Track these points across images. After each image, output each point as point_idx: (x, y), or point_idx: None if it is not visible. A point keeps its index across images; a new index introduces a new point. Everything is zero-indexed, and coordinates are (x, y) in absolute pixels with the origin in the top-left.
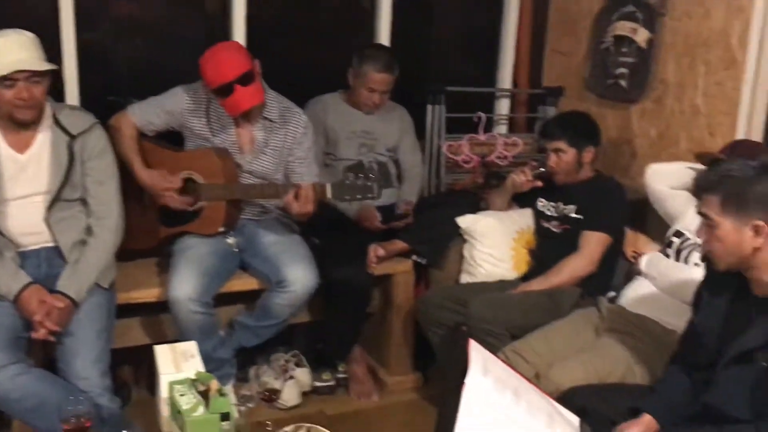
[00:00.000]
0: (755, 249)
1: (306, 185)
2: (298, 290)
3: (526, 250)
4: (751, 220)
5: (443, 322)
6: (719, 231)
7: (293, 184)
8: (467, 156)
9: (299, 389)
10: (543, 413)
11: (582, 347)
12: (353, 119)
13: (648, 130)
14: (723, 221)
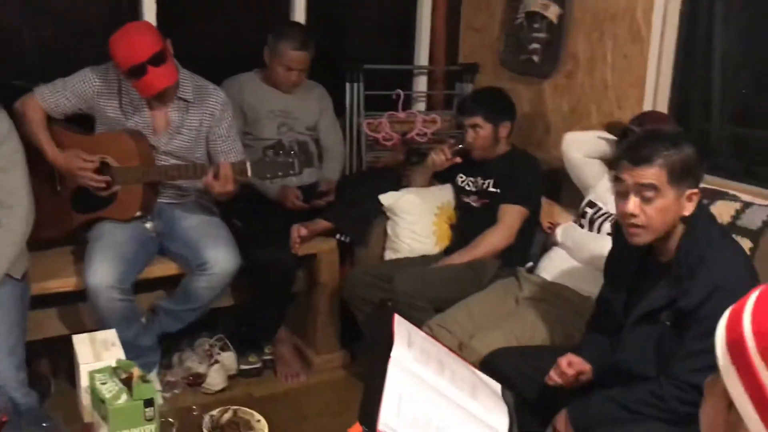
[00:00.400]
0: (682, 217)
1: (225, 164)
2: (220, 273)
3: (447, 225)
4: (687, 188)
5: (369, 299)
6: (662, 201)
7: (212, 164)
8: (387, 133)
9: (225, 373)
10: (467, 383)
11: (502, 317)
12: (271, 98)
13: (560, 105)
14: (668, 191)
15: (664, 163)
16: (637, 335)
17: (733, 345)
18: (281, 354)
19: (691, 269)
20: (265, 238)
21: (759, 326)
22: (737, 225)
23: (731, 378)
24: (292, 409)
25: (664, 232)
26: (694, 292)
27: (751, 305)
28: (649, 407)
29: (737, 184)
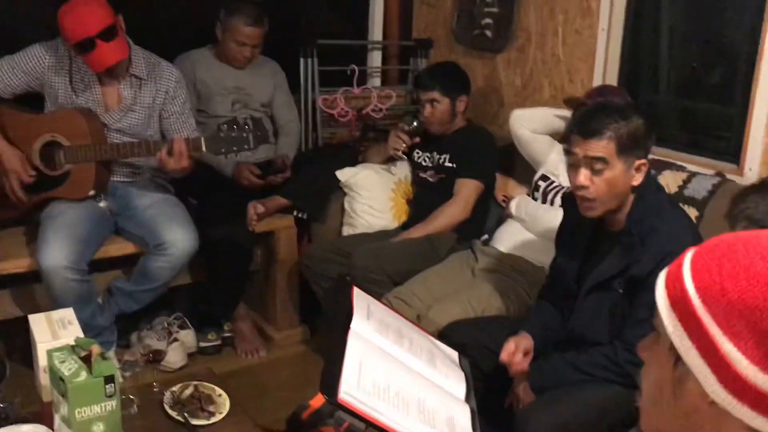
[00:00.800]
0: (631, 187)
1: (178, 139)
2: (178, 252)
3: (404, 200)
4: (636, 159)
5: (327, 274)
6: (611, 173)
7: (165, 141)
8: (342, 109)
9: (184, 351)
10: (424, 351)
11: (459, 288)
12: (224, 75)
13: (513, 79)
14: (617, 163)
15: (613, 136)
16: (590, 303)
17: (677, 303)
18: (240, 330)
19: (641, 238)
20: (222, 216)
21: (700, 282)
22: (684, 194)
23: (678, 334)
24: (253, 384)
25: (616, 204)
26: (645, 260)
27: (689, 264)
28: (604, 370)
29: (684, 155)
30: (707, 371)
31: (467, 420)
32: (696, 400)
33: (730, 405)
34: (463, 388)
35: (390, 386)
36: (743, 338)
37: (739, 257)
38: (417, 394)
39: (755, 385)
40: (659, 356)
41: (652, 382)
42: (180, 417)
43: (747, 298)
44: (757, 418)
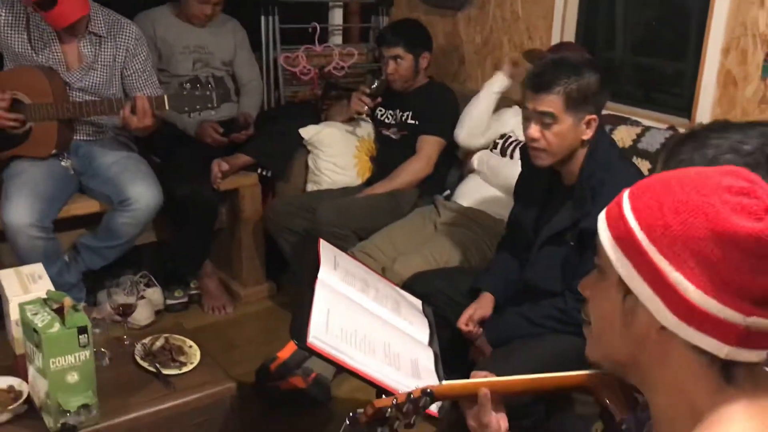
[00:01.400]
0: (582, 141)
1: (141, 97)
2: (142, 208)
3: (368, 157)
4: (586, 114)
5: (293, 229)
6: (559, 127)
7: (128, 98)
8: (305, 67)
9: (152, 308)
10: (389, 299)
11: (422, 242)
12: (185, 33)
13: (474, 37)
14: (565, 118)
15: (562, 92)
16: (544, 255)
17: (623, 240)
18: (207, 287)
19: (592, 191)
20: (186, 174)
21: (643, 220)
22: (638, 148)
23: (626, 269)
24: (221, 339)
25: (565, 155)
26: (595, 214)
27: (629, 204)
28: (555, 321)
29: (638, 110)
30: (656, 299)
31: (431, 363)
32: (646, 328)
33: (677, 328)
34: (426, 334)
35: (357, 331)
36: (688, 266)
37: (675, 192)
38: (382, 339)
39: (700, 306)
40: (607, 291)
41: (600, 314)
42: (152, 367)
43: (687, 229)
44: (701, 337)
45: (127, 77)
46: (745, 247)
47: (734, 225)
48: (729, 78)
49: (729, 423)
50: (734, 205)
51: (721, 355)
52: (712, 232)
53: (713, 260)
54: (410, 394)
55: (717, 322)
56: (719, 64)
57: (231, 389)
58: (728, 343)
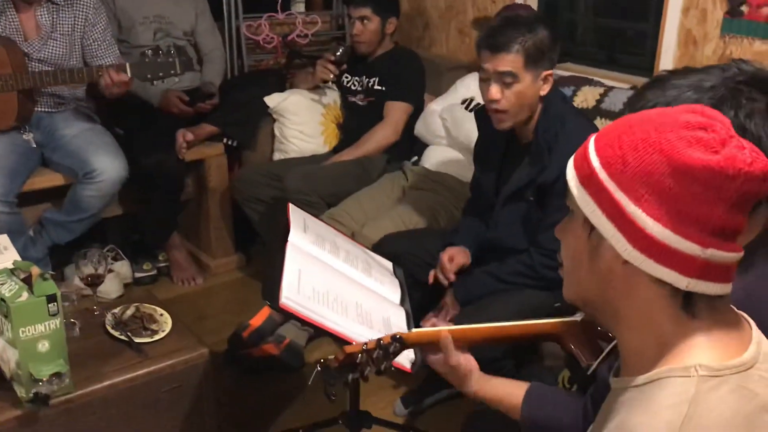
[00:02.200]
0: (540, 97)
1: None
2: (108, 179)
3: (334, 124)
4: (543, 70)
5: (261, 198)
6: (520, 85)
7: (98, 68)
8: (268, 35)
9: (120, 281)
10: (360, 261)
11: (391, 206)
12: (145, 3)
13: (437, 2)
14: (525, 75)
15: (520, 50)
16: (506, 214)
17: (586, 179)
18: (176, 259)
19: (548, 146)
20: (150, 145)
21: (603, 158)
22: (601, 108)
23: (590, 207)
24: (191, 309)
25: (526, 115)
26: (552, 168)
27: (593, 145)
28: (522, 277)
29: (601, 71)
30: (618, 234)
31: (402, 321)
32: (610, 262)
33: (639, 261)
34: (398, 294)
35: (329, 291)
36: (645, 200)
37: (635, 131)
38: (354, 299)
39: (659, 239)
40: (575, 230)
41: (570, 254)
42: (123, 336)
43: (645, 164)
44: (662, 269)
45: (87, 46)
46: (700, 178)
47: (690, 157)
48: (689, 37)
49: (692, 351)
50: (690, 139)
51: (682, 286)
52: (668, 165)
53: (670, 193)
54: (380, 340)
55: (676, 254)
56: (679, 23)
57: (204, 355)
58: (688, 275)
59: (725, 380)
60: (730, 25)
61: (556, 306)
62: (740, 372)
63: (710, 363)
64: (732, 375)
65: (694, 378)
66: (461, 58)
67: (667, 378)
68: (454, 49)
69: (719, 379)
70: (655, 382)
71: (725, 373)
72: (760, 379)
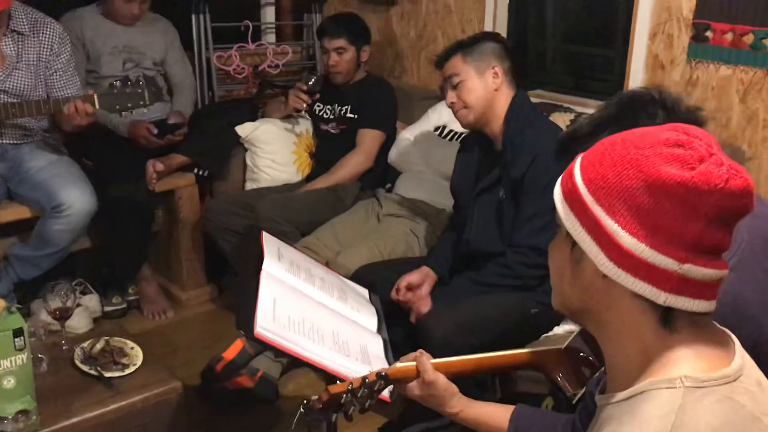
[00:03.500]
0: (495, 91)
1: (80, 101)
2: (76, 213)
3: (307, 153)
4: (489, 66)
5: (233, 228)
6: (467, 83)
7: (65, 99)
8: (238, 65)
9: (89, 315)
10: (335, 288)
11: (366, 234)
12: (114, 34)
13: (408, 31)
14: (467, 70)
15: (458, 52)
16: (479, 213)
17: (569, 195)
18: (146, 292)
19: (514, 144)
20: (119, 176)
21: (586, 175)
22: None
23: (571, 222)
24: (162, 343)
25: (483, 108)
26: (519, 163)
27: (578, 163)
28: (500, 278)
29: (571, 97)
30: (596, 249)
31: (380, 349)
32: (591, 276)
33: (616, 275)
34: (374, 322)
35: (304, 320)
36: (623, 215)
37: (617, 149)
38: (330, 327)
39: (636, 254)
40: (560, 244)
41: (555, 267)
42: (93, 371)
43: (623, 180)
44: (639, 283)
45: (49, 77)
46: (674, 194)
47: (664, 173)
48: (657, 62)
49: (677, 363)
50: (667, 155)
51: (660, 301)
52: (644, 181)
53: (645, 208)
54: (365, 378)
55: (652, 269)
56: (646, 48)
57: (176, 388)
58: (665, 290)
59: (711, 391)
60: (696, 51)
61: (534, 312)
62: (726, 383)
63: (695, 374)
64: (717, 386)
65: (680, 389)
66: (432, 87)
67: (653, 390)
68: (425, 78)
69: (705, 390)
70: (642, 394)
71: (711, 384)
72: (745, 392)
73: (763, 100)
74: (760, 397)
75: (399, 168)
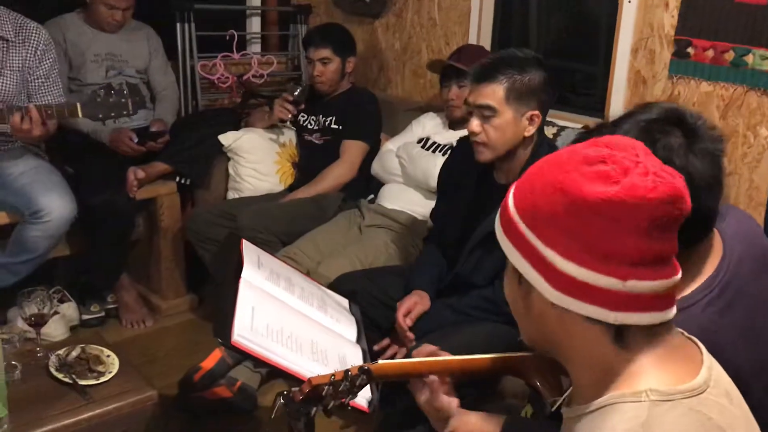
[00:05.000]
0: (524, 138)
1: (32, 107)
2: (55, 220)
3: (290, 163)
4: (528, 110)
5: (214, 238)
6: (499, 120)
7: (19, 107)
8: (223, 75)
9: (66, 324)
10: (315, 298)
11: (347, 244)
12: (96, 41)
13: (393, 43)
14: (506, 111)
15: (503, 82)
16: (477, 256)
17: (507, 227)
18: (125, 301)
19: None
20: (100, 183)
21: (518, 204)
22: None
23: (514, 255)
24: (141, 352)
25: (506, 151)
26: None
27: (512, 193)
28: (483, 312)
29: (554, 111)
30: (539, 278)
31: (359, 359)
32: (541, 307)
33: (564, 302)
34: (354, 332)
35: (283, 329)
36: (556, 240)
37: (545, 173)
38: (309, 336)
39: (577, 278)
40: (509, 279)
41: (510, 302)
42: (67, 379)
43: (550, 206)
44: (587, 307)
45: (31, 83)
46: (602, 213)
47: (588, 193)
48: (639, 77)
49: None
50: (591, 174)
51: (611, 321)
52: (570, 204)
53: (576, 231)
54: (347, 371)
55: (596, 291)
56: (629, 64)
57: (152, 397)
58: (613, 309)
59: (677, 404)
60: (678, 67)
61: (519, 340)
62: (692, 396)
63: (660, 387)
64: (684, 399)
65: (645, 402)
66: (417, 99)
67: (618, 403)
68: (409, 89)
69: (671, 404)
70: (607, 407)
71: (677, 398)
72: (713, 404)
73: (743, 117)
74: (729, 409)
75: (382, 179)
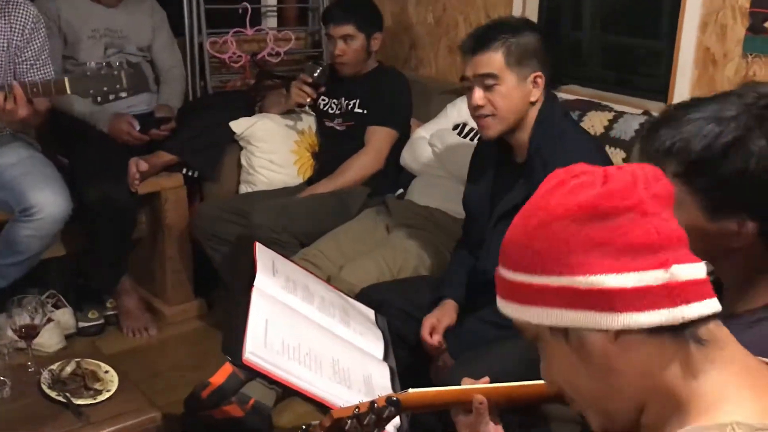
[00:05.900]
0: (531, 103)
1: (16, 84)
2: (48, 218)
3: (309, 153)
4: (530, 72)
5: (224, 237)
6: (504, 87)
7: (2, 86)
8: (234, 53)
9: (61, 332)
10: (337, 309)
11: (372, 246)
12: (94, 15)
13: (425, 16)
14: (508, 76)
15: (500, 47)
16: (498, 237)
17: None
18: (126, 307)
19: (544, 163)
20: (98, 176)
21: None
22: (610, 136)
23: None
24: (143, 365)
25: (515, 120)
26: None
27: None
28: None
29: (609, 94)
30: (589, 314)
31: (386, 379)
32: (603, 347)
33: (626, 320)
34: (380, 347)
35: (300, 345)
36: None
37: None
38: (330, 353)
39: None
40: (552, 352)
41: (566, 379)
42: (61, 397)
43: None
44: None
45: (19, 64)
46: (600, 212)
47: (576, 204)
48: (707, 56)
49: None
50: (569, 190)
51: (678, 321)
52: (572, 222)
53: (595, 242)
54: (373, 403)
55: (648, 292)
56: (696, 41)
57: (154, 419)
58: (673, 305)
59: None
60: (753, 44)
61: None
62: None
63: (748, 421)
64: None
65: None
66: (452, 80)
67: None
68: (444, 69)
69: None
70: None
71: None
72: None
73: None
74: None
75: (412, 171)
